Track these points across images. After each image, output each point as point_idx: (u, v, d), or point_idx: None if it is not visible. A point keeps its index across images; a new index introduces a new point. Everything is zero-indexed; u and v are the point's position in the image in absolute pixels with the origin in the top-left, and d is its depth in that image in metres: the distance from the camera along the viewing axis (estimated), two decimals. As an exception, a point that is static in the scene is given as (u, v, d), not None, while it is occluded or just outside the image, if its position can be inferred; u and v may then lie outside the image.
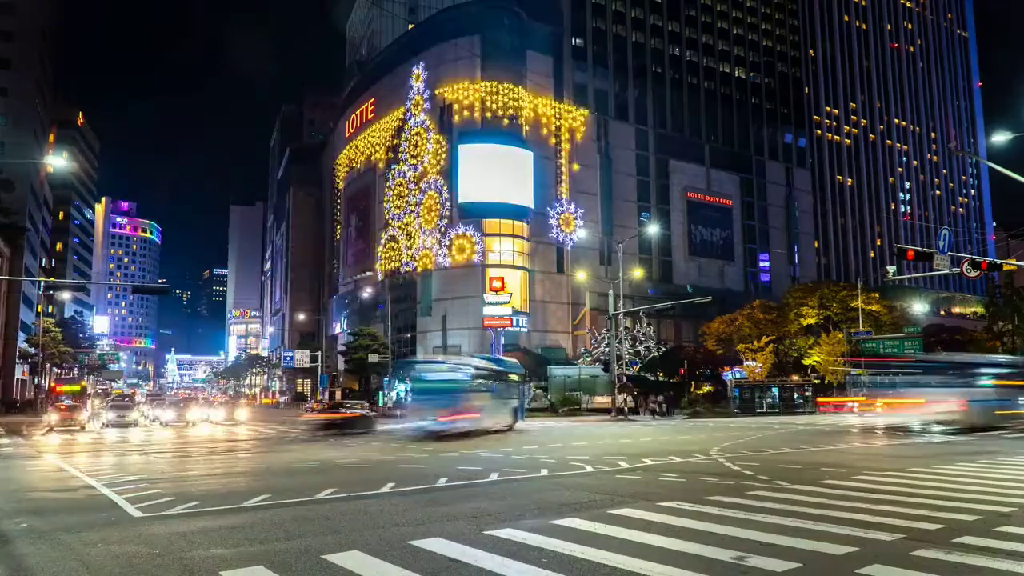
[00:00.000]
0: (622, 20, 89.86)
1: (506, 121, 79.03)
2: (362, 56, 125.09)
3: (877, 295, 70.44)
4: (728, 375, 64.53)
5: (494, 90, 79.06)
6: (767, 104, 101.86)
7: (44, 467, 19.15)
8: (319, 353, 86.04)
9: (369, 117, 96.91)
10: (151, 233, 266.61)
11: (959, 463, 17.16)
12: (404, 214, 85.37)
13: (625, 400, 48.38)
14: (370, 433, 31.41)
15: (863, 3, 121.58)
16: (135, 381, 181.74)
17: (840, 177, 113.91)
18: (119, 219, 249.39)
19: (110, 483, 14.68)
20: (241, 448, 25.22)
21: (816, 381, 63.46)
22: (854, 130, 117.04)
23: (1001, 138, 25.85)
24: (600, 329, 69.08)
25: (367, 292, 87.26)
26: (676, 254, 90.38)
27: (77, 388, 54.05)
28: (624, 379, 50.86)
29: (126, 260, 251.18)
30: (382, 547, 8.43)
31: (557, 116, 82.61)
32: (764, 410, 50.55)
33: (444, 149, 79.65)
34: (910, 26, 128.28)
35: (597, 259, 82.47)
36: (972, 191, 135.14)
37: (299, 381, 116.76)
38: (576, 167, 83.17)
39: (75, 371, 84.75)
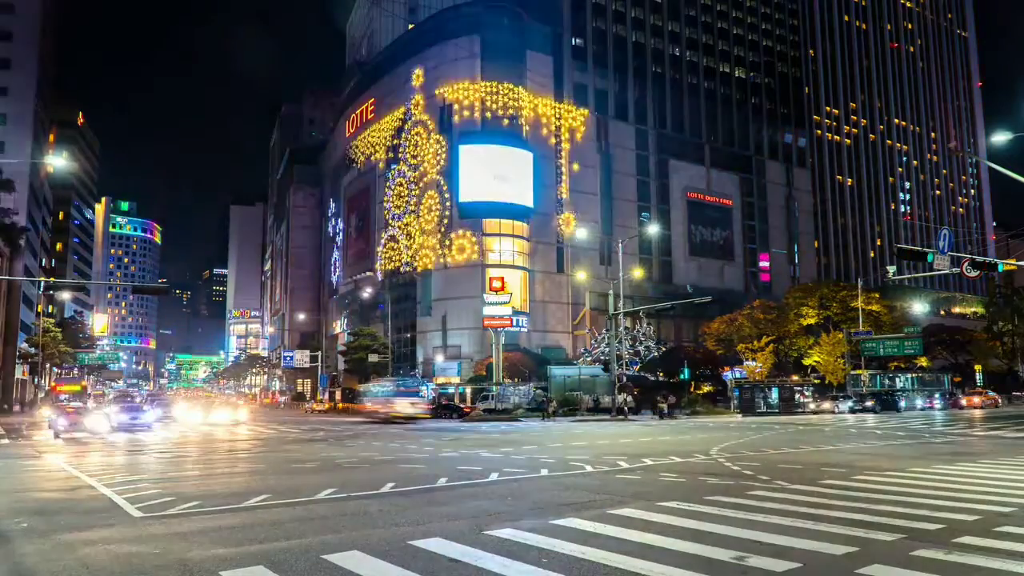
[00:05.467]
0: (622, 20, 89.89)
1: (506, 121, 79.04)
2: (362, 56, 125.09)
3: (877, 295, 70.49)
4: (728, 375, 64.52)
5: (494, 90, 79.06)
6: (767, 104, 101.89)
7: (44, 467, 19.14)
8: (319, 353, 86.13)
9: (369, 117, 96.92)
10: (151, 233, 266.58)
11: (959, 463, 17.16)
12: (404, 214, 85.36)
13: (625, 400, 48.36)
14: None
15: (863, 3, 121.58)
16: (135, 381, 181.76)
17: (840, 177, 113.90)
18: (119, 219, 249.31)
19: (110, 483, 14.69)
20: (241, 448, 25.22)
21: (816, 381, 63.49)
22: (854, 130, 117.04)
23: (1001, 138, 25.85)
24: (600, 329, 69.09)
25: (367, 292, 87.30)
26: (676, 254, 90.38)
27: (78, 388, 53.27)
28: (624, 379, 50.84)
29: (126, 260, 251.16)
30: (382, 547, 8.43)
31: (557, 116, 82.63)
32: (764, 410, 50.52)
33: (444, 149, 79.65)
34: (910, 26, 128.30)
35: (597, 259, 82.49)
36: (972, 191, 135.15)
37: (299, 381, 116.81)
38: (576, 167, 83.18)
39: (75, 371, 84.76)
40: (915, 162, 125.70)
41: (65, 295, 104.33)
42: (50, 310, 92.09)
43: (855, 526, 9.31)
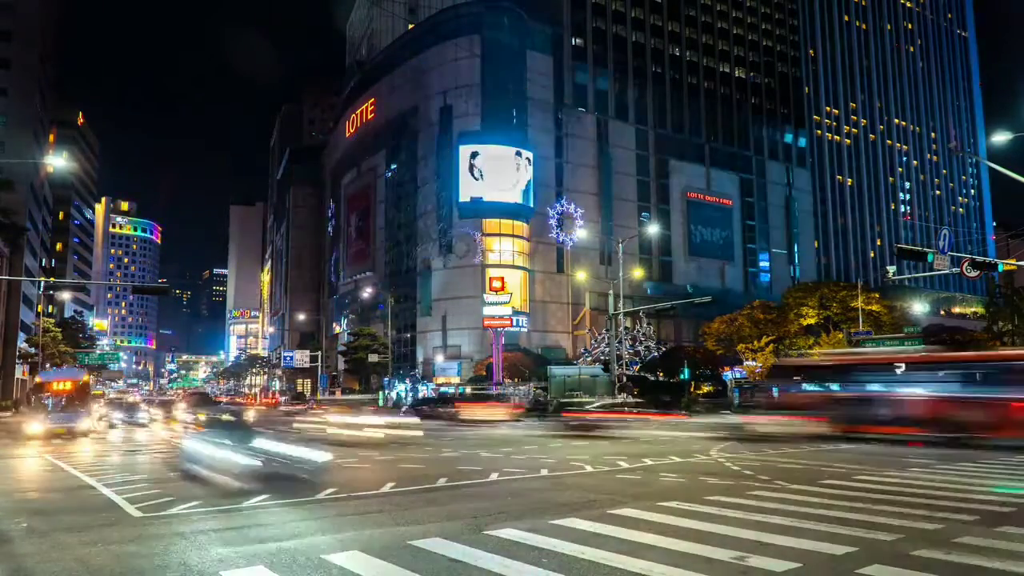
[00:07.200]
0: (622, 20, 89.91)
1: (506, 121, 79.08)
2: (362, 56, 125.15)
3: (877, 295, 70.41)
4: (728, 375, 64.46)
5: (494, 90, 79.09)
6: (767, 104, 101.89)
7: (44, 467, 19.15)
8: (319, 353, 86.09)
9: (369, 117, 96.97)
10: (151, 233, 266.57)
11: (960, 463, 17.15)
12: (404, 214, 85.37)
13: (625, 400, 48.33)
14: None
15: (863, 3, 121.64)
16: (135, 381, 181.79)
17: (840, 177, 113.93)
18: (119, 219, 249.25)
19: (110, 483, 14.68)
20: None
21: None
22: (854, 130, 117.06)
23: (1001, 138, 25.88)
24: (600, 329, 69.10)
25: (367, 292, 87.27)
26: (676, 254, 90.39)
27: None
28: (624, 379, 50.83)
29: (126, 260, 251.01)
30: (382, 547, 8.43)
31: (557, 116, 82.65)
32: (764, 410, 50.38)
33: (444, 149, 79.69)
34: (910, 26, 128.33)
35: (597, 259, 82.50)
36: (972, 191, 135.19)
37: (299, 381, 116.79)
38: (576, 167, 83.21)
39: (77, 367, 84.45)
40: (915, 162, 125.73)
41: (65, 295, 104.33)
42: (50, 310, 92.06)
43: (855, 526, 9.31)
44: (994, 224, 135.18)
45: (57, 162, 64.26)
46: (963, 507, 10.75)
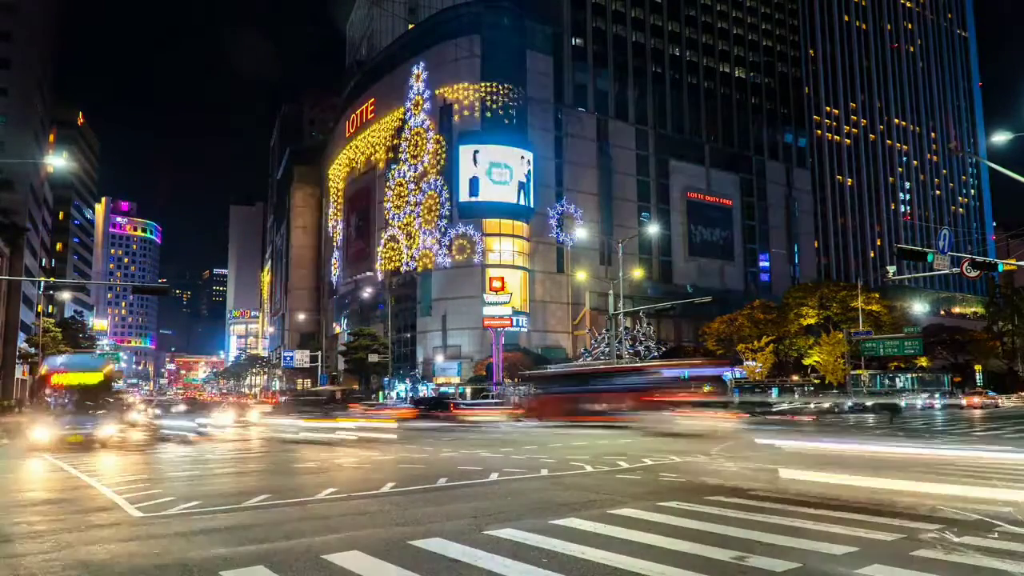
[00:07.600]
0: (622, 20, 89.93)
1: (506, 121, 79.10)
2: (362, 56, 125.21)
3: (877, 295, 70.48)
4: (728, 375, 64.40)
5: (494, 90, 79.11)
6: (767, 104, 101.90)
7: (44, 467, 19.14)
8: (319, 353, 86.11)
9: (369, 117, 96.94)
10: (151, 233, 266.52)
11: (959, 463, 17.15)
12: (404, 214, 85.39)
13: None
14: None
15: (863, 3, 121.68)
16: (135, 381, 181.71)
17: (840, 177, 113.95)
18: (119, 219, 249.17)
19: (110, 483, 14.69)
20: (241, 449, 25.24)
21: (816, 381, 63.49)
22: (854, 130, 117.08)
23: (1001, 138, 25.88)
24: (600, 329, 69.10)
25: (367, 292, 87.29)
26: (676, 254, 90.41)
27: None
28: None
29: (126, 260, 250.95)
30: (382, 547, 8.43)
31: (557, 116, 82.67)
32: (764, 410, 50.43)
33: (444, 149, 79.70)
34: (910, 26, 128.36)
35: (597, 259, 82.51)
36: (972, 191, 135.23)
37: (299, 381, 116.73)
38: (576, 167, 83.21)
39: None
40: (915, 162, 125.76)
41: (65, 295, 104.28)
42: (50, 310, 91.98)
43: (855, 526, 9.31)
44: (994, 224, 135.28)
45: (57, 162, 64.31)
46: (963, 507, 10.75)
